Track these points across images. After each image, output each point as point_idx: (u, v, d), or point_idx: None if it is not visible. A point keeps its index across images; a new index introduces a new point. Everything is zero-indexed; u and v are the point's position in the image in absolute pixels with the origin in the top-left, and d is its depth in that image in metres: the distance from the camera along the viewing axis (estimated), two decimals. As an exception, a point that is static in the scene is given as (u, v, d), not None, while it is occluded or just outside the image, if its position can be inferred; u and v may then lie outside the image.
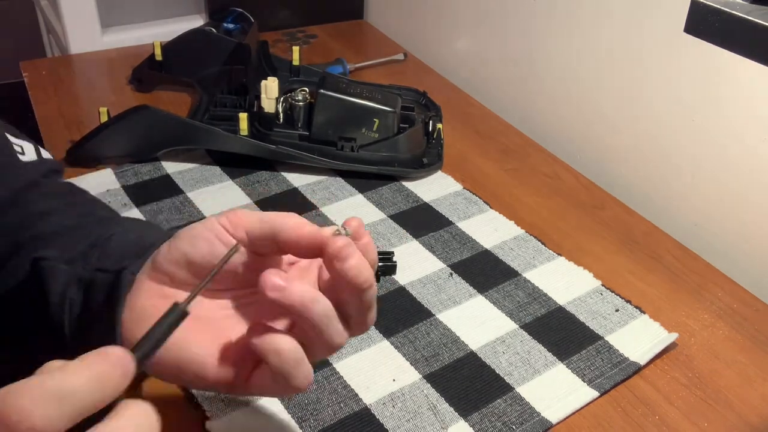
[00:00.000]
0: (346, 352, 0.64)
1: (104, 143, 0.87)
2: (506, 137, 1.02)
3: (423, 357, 0.64)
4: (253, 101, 0.95)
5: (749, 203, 0.79)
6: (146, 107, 0.87)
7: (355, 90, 0.90)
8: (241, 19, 1.11)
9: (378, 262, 0.44)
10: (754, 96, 0.75)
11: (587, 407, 0.61)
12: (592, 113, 0.97)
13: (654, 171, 0.90)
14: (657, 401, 0.62)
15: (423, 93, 1.06)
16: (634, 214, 0.86)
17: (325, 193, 0.86)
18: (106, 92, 1.09)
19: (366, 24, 1.40)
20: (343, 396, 0.60)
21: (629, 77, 0.90)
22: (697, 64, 0.80)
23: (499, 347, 0.66)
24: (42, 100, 1.03)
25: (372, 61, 1.20)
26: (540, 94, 1.05)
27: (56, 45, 1.43)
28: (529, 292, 0.72)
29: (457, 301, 0.71)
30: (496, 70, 1.13)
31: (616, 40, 0.90)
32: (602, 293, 0.73)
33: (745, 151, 0.78)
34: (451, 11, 1.20)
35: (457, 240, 0.79)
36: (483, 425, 0.58)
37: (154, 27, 1.28)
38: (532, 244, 0.79)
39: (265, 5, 1.29)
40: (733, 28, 0.53)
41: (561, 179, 0.93)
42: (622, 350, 0.66)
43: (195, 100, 1.04)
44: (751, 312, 0.72)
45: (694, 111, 0.82)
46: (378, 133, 0.89)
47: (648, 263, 0.78)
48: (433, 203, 0.86)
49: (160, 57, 1.04)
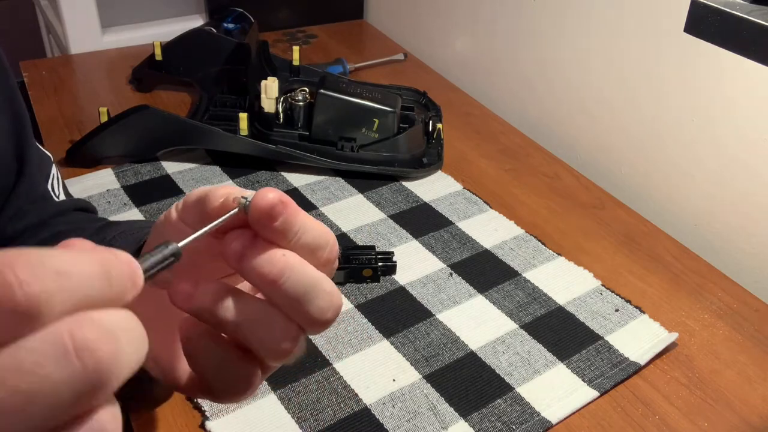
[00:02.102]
0: (346, 352, 0.64)
1: (104, 143, 0.87)
2: (506, 137, 1.02)
3: (423, 357, 0.64)
4: (253, 101, 0.95)
5: (749, 203, 0.79)
6: (146, 107, 0.87)
7: (355, 90, 0.90)
8: (241, 19, 1.11)
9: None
10: (753, 96, 0.75)
11: (587, 407, 0.61)
12: (592, 113, 0.97)
13: (654, 171, 0.90)
14: (657, 401, 0.62)
15: (423, 93, 1.06)
16: (634, 214, 0.86)
17: (325, 193, 0.86)
18: (106, 92, 1.09)
19: (366, 24, 1.40)
20: (343, 396, 0.60)
21: (629, 77, 0.90)
22: (697, 64, 0.80)
23: (499, 347, 0.66)
24: (42, 100, 1.03)
25: (372, 61, 1.20)
26: (540, 94, 1.05)
27: (56, 45, 1.43)
28: (529, 292, 0.72)
29: (457, 301, 0.71)
30: (496, 70, 1.13)
31: (616, 41, 0.90)
32: (602, 293, 0.73)
33: (745, 151, 0.78)
34: (451, 11, 1.19)
35: (457, 240, 0.79)
36: (483, 425, 0.58)
37: (154, 27, 1.28)
38: (532, 244, 0.79)
39: (265, 5, 1.29)
40: (733, 28, 0.53)
41: (561, 179, 0.93)
42: (622, 350, 0.66)
43: (195, 100, 1.04)
44: (751, 312, 0.72)
45: (694, 111, 0.82)
46: (378, 133, 0.89)
47: (648, 263, 0.78)
48: (433, 203, 0.86)
49: (160, 57, 1.04)
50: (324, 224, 0.33)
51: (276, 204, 0.30)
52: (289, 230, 0.31)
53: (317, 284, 0.32)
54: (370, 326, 0.67)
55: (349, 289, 0.71)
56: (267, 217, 0.30)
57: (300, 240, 0.32)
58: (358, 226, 0.81)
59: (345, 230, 0.80)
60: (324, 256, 0.33)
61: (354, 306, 0.69)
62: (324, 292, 0.32)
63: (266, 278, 0.31)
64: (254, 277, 0.31)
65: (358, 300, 0.70)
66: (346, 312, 0.69)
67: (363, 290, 0.71)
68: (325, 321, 0.33)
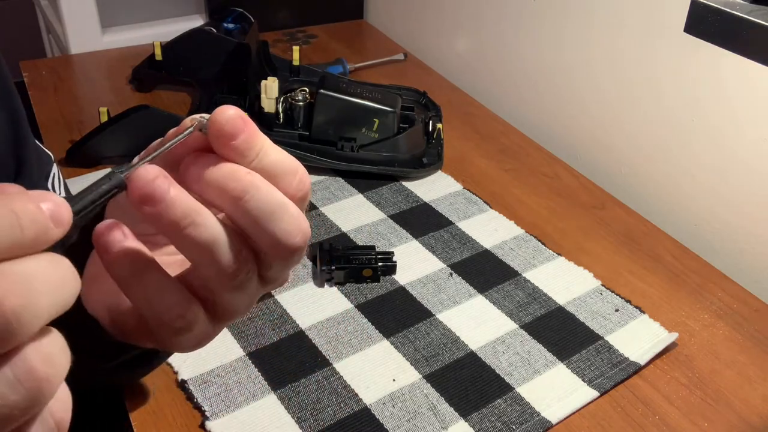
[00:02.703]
0: (346, 352, 0.64)
1: (104, 143, 0.87)
2: (506, 137, 1.02)
3: (423, 357, 0.64)
4: (253, 101, 0.95)
5: (749, 203, 0.79)
6: (146, 107, 0.87)
7: (355, 90, 0.90)
8: (241, 19, 1.11)
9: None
10: (753, 96, 0.75)
11: (587, 407, 0.61)
12: (593, 113, 0.97)
13: (654, 171, 0.90)
14: (657, 401, 0.62)
15: (423, 93, 1.06)
16: (634, 214, 0.86)
17: (325, 193, 0.86)
18: (106, 92, 1.09)
19: (366, 24, 1.40)
20: (343, 396, 0.60)
21: (629, 77, 0.90)
22: (698, 64, 0.80)
23: (499, 347, 0.66)
24: (42, 100, 1.03)
25: (372, 61, 1.20)
26: (540, 95, 1.05)
27: (56, 45, 1.43)
28: (529, 292, 0.72)
29: (457, 301, 0.71)
30: (496, 70, 1.13)
31: (616, 41, 0.90)
32: (602, 293, 0.73)
33: (745, 151, 0.78)
34: (451, 11, 1.19)
35: (457, 240, 0.79)
36: (483, 425, 0.58)
37: (154, 27, 1.28)
38: (532, 244, 0.79)
39: (265, 5, 1.29)
40: (733, 28, 0.53)
41: (561, 179, 0.93)
42: (622, 350, 0.66)
43: (195, 100, 1.04)
44: (751, 312, 0.72)
45: (694, 111, 0.82)
46: (378, 133, 0.89)
47: (648, 263, 0.78)
48: (433, 203, 0.85)
49: (160, 57, 1.04)
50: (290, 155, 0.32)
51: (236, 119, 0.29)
52: (251, 148, 0.30)
53: (283, 206, 0.30)
54: (370, 326, 0.67)
55: (349, 289, 0.71)
56: (227, 133, 0.29)
57: (262, 161, 0.30)
58: (358, 226, 0.81)
59: (345, 230, 0.80)
60: (293, 185, 0.31)
61: (354, 306, 0.69)
62: (290, 216, 0.31)
63: (230, 194, 0.29)
64: (217, 194, 0.30)
65: (358, 300, 0.70)
66: (346, 312, 0.69)
67: (363, 290, 0.71)
68: (291, 245, 0.31)
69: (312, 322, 0.67)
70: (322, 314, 0.68)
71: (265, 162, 0.30)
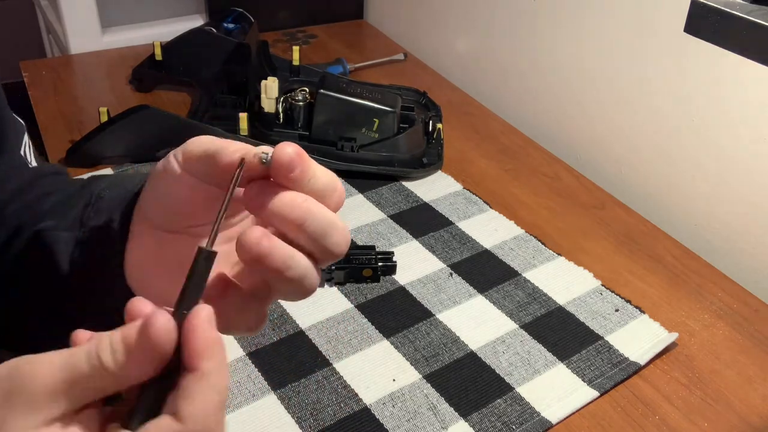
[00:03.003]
0: (346, 352, 0.64)
1: (104, 143, 0.87)
2: (506, 137, 1.02)
3: (423, 357, 0.64)
4: (253, 101, 0.95)
5: (749, 203, 0.79)
6: (146, 107, 0.87)
7: (355, 90, 0.90)
8: (241, 19, 1.11)
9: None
10: (753, 96, 0.75)
11: (587, 407, 0.61)
12: (592, 113, 0.97)
13: (654, 171, 0.90)
14: (657, 401, 0.62)
15: (423, 93, 1.06)
16: (634, 214, 0.86)
17: (325, 193, 0.86)
18: (106, 92, 1.09)
19: (366, 24, 1.40)
20: (343, 396, 0.60)
21: (629, 77, 0.90)
22: (697, 64, 0.80)
23: (499, 347, 0.66)
24: (42, 100, 1.03)
25: (372, 61, 1.20)
26: (540, 94, 1.05)
27: (56, 45, 1.43)
28: (529, 292, 0.72)
29: (457, 301, 0.71)
30: (496, 70, 1.13)
31: (617, 41, 0.90)
32: (602, 293, 0.73)
33: (744, 151, 0.78)
34: (451, 11, 1.19)
35: (457, 240, 0.79)
36: (483, 425, 0.58)
37: (154, 27, 1.28)
38: (532, 244, 0.79)
39: (265, 5, 1.29)
40: (733, 28, 0.53)
41: (561, 179, 0.93)
42: (622, 350, 0.66)
43: (195, 100, 1.04)
44: (751, 312, 0.72)
45: (694, 111, 0.82)
46: (378, 133, 0.89)
47: (648, 263, 0.78)
48: (433, 203, 0.85)
49: (160, 57, 1.04)
50: (331, 171, 0.37)
51: (294, 156, 0.34)
52: (304, 178, 0.35)
53: (333, 224, 0.36)
54: (370, 326, 0.67)
55: (349, 289, 0.71)
56: (287, 168, 0.34)
57: (314, 186, 0.36)
58: (358, 226, 0.81)
59: (345, 230, 0.80)
60: (334, 200, 0.37)
61: (354, 306, 0.69)
62: (339, 230, 0.36)
63: (293, 222, 0.35)
64: (280, 221, 0.35)
65: (358, 300, 0.70)
66: (346, 312, 0.69)
67: (363, 290, 0.71)
68: (339, 253, 0.37)
69: (312, 322, 0.67)
70: (322, 314, 0.68)
71: (316, 186, 0.36)
